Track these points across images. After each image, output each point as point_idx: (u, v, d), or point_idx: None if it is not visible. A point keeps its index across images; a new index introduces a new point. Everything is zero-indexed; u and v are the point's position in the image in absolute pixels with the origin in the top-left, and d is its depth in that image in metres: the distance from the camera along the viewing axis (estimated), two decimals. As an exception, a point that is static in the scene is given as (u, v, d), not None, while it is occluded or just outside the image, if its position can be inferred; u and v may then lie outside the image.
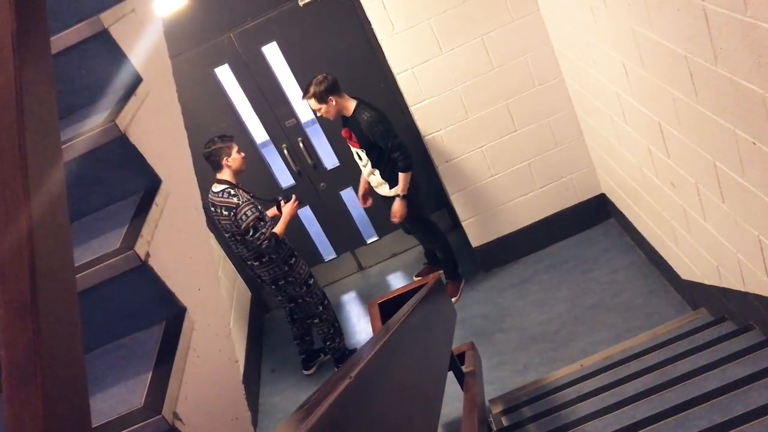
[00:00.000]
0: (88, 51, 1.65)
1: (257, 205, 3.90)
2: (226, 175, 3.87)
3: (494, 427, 3.01)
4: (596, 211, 4.57)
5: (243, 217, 3.78)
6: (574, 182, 4.47)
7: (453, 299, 4.60)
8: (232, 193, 3.80)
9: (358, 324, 4.99)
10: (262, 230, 3.81)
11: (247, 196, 3.86)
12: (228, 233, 3.98)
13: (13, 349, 0.74)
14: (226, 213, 3.81)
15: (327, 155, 5.12)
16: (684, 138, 2.57)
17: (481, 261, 4.79)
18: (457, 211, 4.56)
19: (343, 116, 4.10)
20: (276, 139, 5.01)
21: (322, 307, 4.31)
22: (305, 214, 5.29)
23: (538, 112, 4.22)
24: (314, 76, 4.79)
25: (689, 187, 2.74)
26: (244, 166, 3.97)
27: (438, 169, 4.39)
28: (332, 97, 3.93)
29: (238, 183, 3.92)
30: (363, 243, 5.51)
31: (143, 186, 1.56)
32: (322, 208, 5.29)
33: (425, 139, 4.28)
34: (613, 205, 4.39)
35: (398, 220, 4.27)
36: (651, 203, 3.45)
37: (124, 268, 1.31)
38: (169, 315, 1.40)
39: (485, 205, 4.51)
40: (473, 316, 4.44)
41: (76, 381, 0.77)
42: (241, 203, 3.79)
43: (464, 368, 3.23)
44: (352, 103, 4.02)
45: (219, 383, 1.52)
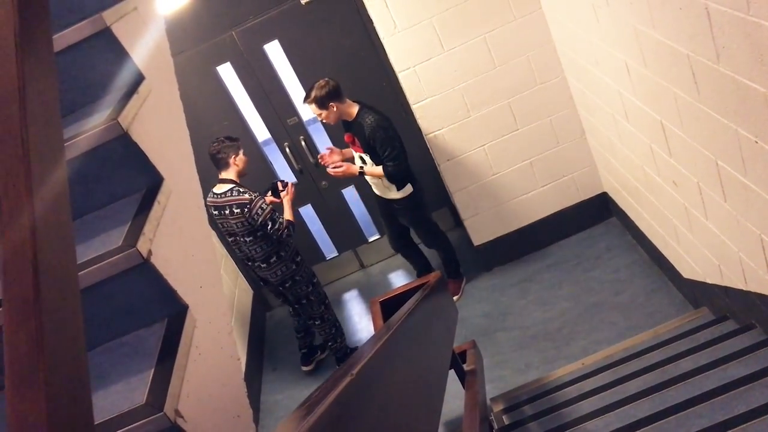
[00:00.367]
0: (90, 49, 1.65)
1: (264, 198, 3.91)
2: (232, 174, 3.85)
3: (495, 426, 3.01)
4: (598, 210, 4.57)
5: (259, 211, 3.76)
6: (576, 181, 4.47)
7: (454, 298, 4.60)
8: (242, 190, 3.78)
9: (360, 322, 4.99)
10: (280, 220, 3.80)
11: (256, 193, 3.86)
12: (234, 235, 3.90)
13: (16, 346, 0.74)
14: (238, 211, 3.75)
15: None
16: (686, 137, 2.56)
17: (482, 259, 4.79)
18: (459, 210, 4.57)
19: (344, 121, 4.06)
20: (278, 138, 5.01)
21: (324, 307, 4.30)
22: (307, 212, 5.29)
23: (540, 111, 4.22)
24: (316, 74, 4.79)
25: (691, 185, 2.74)
26: (247, 170, 3.96)
27: (440, 167, 4.39)
28: (333, 103, 3.87)
29: (242, 183, 3.91)
30: (365, 241, 5.52)
31: (145, 184, 1.56)
32: (323, 207, 5.29)
33: (427, 137, 4.28)
34: (615, 204, 4.39)
35: (325, 163, 4.12)
36: (653, 202, 3.45)
37: (126, 266, 1.32)
38: (171, 312, 1.40)
39: (487, 204, 4.51)
40: (475, 315, 4.45)
41: (78, 378, 0.77)
42: (254, 198, 3.77)
43: (465, 366, 3.24)
44: (354, 108, 3.96)
45: (221, 381, 1.53)
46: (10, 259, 0.79)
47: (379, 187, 4.28)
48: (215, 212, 3.86)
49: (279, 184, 4.07)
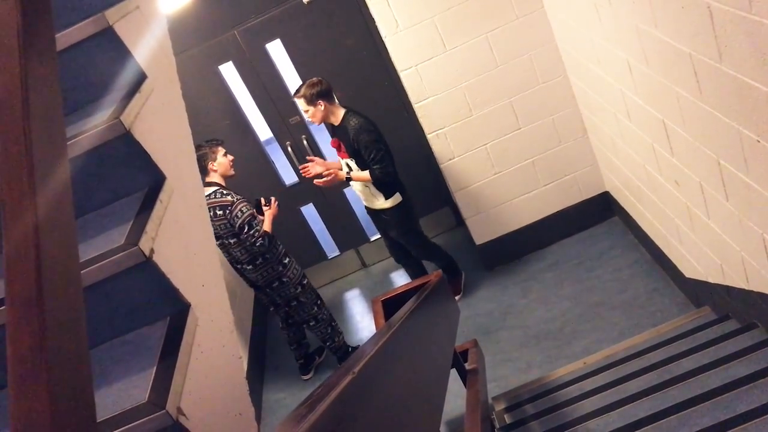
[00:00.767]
0: (92, 48, 1.65)
1: (249, 204, 3.90)
2: (215, 178, 3.86)
3: (497, 425, 3.01)
4: (600, 209, 4.57)
5: (238, 214, 3.76)
6: (578, 180, 4.47)
7: (456, 297, 4.60)
8: (225, 192, 3.79)
9: (362, 321, 4.99)
10: (257, 227, 3.80)
11: (239, 196, 3.86)
12: (220, 238, 3.88)
13: (19, 344, 0.75)
14: (221, 212, 3.76)
15: (331, 153, 5.11)
16: (688, 136, 2.56)
17: (484, 259, 4.79)
18: (461, 209, 4.57)
19: (331, 126, 4.03)
20: (280, 137, 5.02)
21: (316, 307, 4.28)
22: (309, 212, 5.30)
23: (542, 110, 4.22)
24: (318, 73, 4.79)
25: (693, 185, 2.74)
26: (233, 170, 3.96)
27: (441, 166, 4.39)
28: (321, 102, 3.84)
29: (227, 186, 3.91)
30: (366, 240, 5.52)
31: (147, 183, 1.57)
32: (325, 206, 5.30)
33: (429, 136, 4.28)
34: (617, 203, 4.39)
35: (308, 174, 4.08)
36: (655, 201, 3.44)
37: (129, 264, 1.32)
38: (173, 311, 1.41)
39: (489, 203, 4.51)
40: (476, 314, 4.45)
41: (81, 376, 0.78)
42: (235, 200, 3.78)
43: (467, 366, 3.24)
44: (341, 111, 3.92)
45: (223, 379, 1.53)
46: (13, 257, 0.79)
47: (367, 197, 4.18)
48: None
49: (262, 200, 4.07)
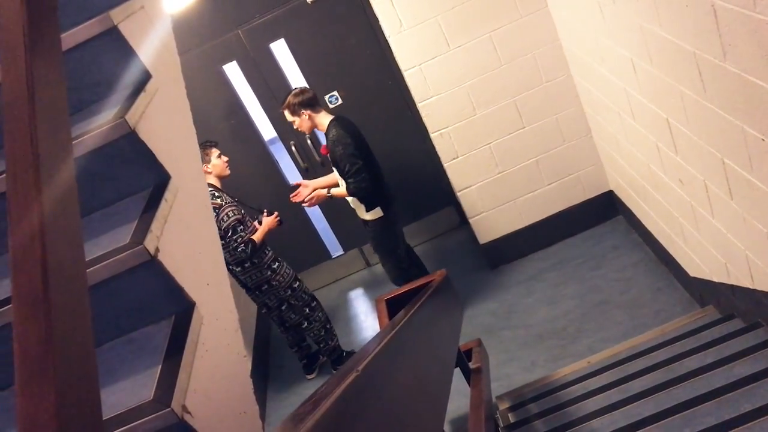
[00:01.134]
0: (97, 48, 1.66)
1: (241, 209, 3.91)
2: (210, 179, 3.88)
3: (501, 424, 3.01)
4: (604, 208, 4.56)
5: (225, 218, 3.78)
6: (582, 179, 4.46)
7: None
8: (216, 195, 3.81)
9: (366, 321, 5.00)
10: (241, 233, 3.81)
11: (231, 199, 3.88)
12: None
13: (26, 342, 0.75)
14: None
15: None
16: (692, 135, 2.56)
17: (488, 258, 4.79)
18: (464, 208, 4.56)
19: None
20: (284, 136, 5.02)
21: (308, 309, 4.27)
22: (313, 211, 5.30)
23: (546, 109, 4.22)
24: (322, 72, 4.81)
25: (697, 183, 2.73)
26: (228, 171, 3.96)
27: (445, 165, 4.39)
28: (306, 111, 3.80)
29: (222, 187, 3.92)
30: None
31: (152, 182, 1.57)
32: (329, 205, 5.28)
33: (432, 135, 4.28)
34: (621, 202, 4.38)
35: (298, 199, 4.05)
36: (659, 200, 3.44)
37: (134, 263, 1.32)
38: (178, 309, 1.41)
39: (493, 202, 4.51)
40: (480, 313, 4.45)
41: (87, 374, 0.78)
42: (224, 204, 3.79)
43: (471, 365, 3.24)
44: (327, 120, 3.86)
45: (227, 377, 1.54)
46: (20, 256, 0.80)
47: (354, 204, 4.12)
48: None
49: (265, 212, 4.07)
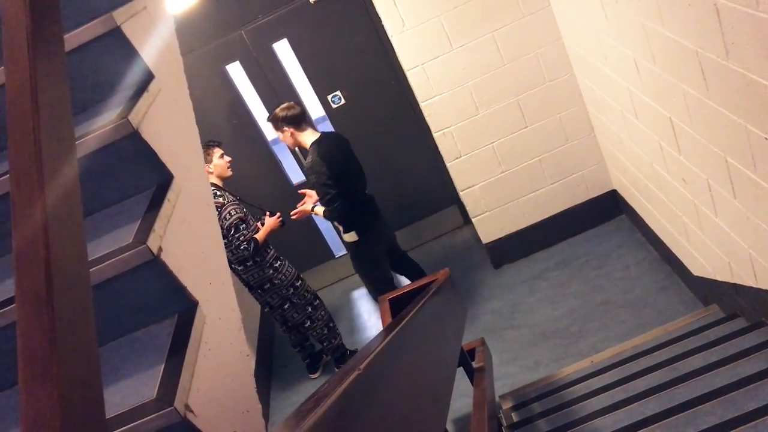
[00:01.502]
0: (100, 48, 1.66)
1: (243, 208, 3.93)
2: (212, 179, 3.90)
3: (504, 423, 3.01)
4: (607, 208, 4.56)
5: (227, 216, 3.79)
6: (585, 178, 4.46)
7: None
8: (218, 194, 3.83)
9: (369, 320, 5.00)
10: (243, 231, 3.83)
11: (233, 198, 3.89)
12: None
13: (30, 340, 0.75)
14: None
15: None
16: (695, 134, 2.55)
17: (491, 257, 4.78)
18: (467, 208, 4.56)
19: None
20: (287, 136, 5.02)
21: (311, 308, 4.28)
22: (316, 210, 5.30)
23: (549, 108, 4.21)
24: (325, 72, 4.81)
25: (700, 182, 2.73)
26: (230, 172, 3.98)
27: (448, 165, 4.39)
28: (288, 128, 3.77)
29: (224, 187, 3.94)
30: (373, 239, 5.51)
31: (155, 182, 1.58)
32: (332, 205, 5.30)
33: (435, 135, 4.28)
34: (624, 202, 4.38)
35: (293, 214, 4.11)
36: (662, 199, 3.44)
37: (137, 263, 1.33)
38: (181, 309, 1.41)
39: (496, 202, 4.50)
40: (484, 313, 4.44)
41: (90, 373, 0.78)
42: (226, 203, 3.81)
43: (474, 364, 3.24)
44: (310, 140, 3.81)
45: (230, 376, 1.54)
46: (23, 255, 0.80)
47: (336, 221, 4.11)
48: None
49: (267, 213, 4.10)
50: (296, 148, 4.18)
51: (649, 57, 2.66)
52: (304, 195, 4.17)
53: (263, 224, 4.05)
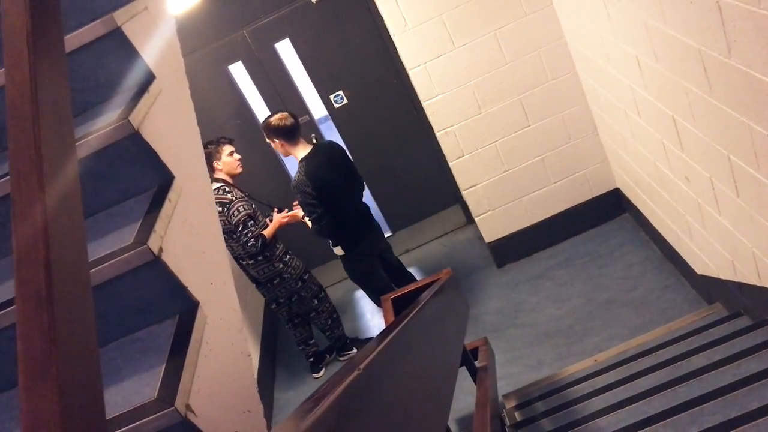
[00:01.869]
0: (101, 49, 1.67)
1: (252, 204, 3.96)
2: (221, 175, 3.94)
3: (507, 422, 3.01)
4: (611, 206, 4.55)
5: (235, 213, 3.83)
6: (588, 177, 4.45)
7: None
8: (227, 190, 3.87)
9: (372, 319, 5.00)
10: (251, 228, 3.86)
11: (242, 194, 3.92)
12: (223, 233, 3.98)
13: (29, 341, 0.75)
14: (221, 209, 3.85)
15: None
16: (698, 132, 2.55)
17: (494, 256, 4.78)
18: (470, 207, 4.56)
19: None
20: (289, 136, 5.02)
21: (317, 300, 4.37)
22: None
23: (552, 107, 4.21)
24: (327, 72, 4.81)
25: (704, 181, 2.72)
26: (240, 169, 4.00)
27: (451, 164, 4.39)
28: (278, 140, 3.73)
29: (234, 183, 3.96)
30: (377, 239, 5.51)
31: (156, 182, 1.58)
32: (335, 204, 5.30)
33: (438, 134, 4.28)
34: (628, 200, 4.37)
35: (284, 217, 4.10)
36: (665, 198, 3.43)
37: (138, 263, 1.33)
38: (182, 309, 1.42)
39: (498, 201, 4.50)
40: (487, 312, 4.44)
41: (91, 373, 0.78)
42: (234, 199, 3.85)
43: (477, 363, 3.24)
44: (301, 154, 3.75)
45: (232, 376, 1.54)
46: (23, 256, 0.80)
47: None
48: None
49: (276, 210, 4.15)
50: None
51: (652, 55, 2.65)
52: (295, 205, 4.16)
53: (272, 220, 4.09)
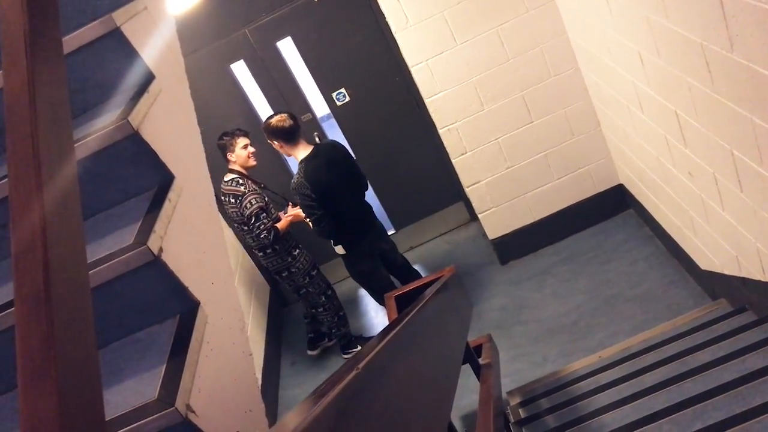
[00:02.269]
0: (100, 49, 1.67)
1: (264, 196, 4.03)
2: (235, 167, 4.03)
3: (512, 419, 3.00)
4: (614, 202, 4.53)
5: (247, 205, 3.90)
6: (592, 173, 4.44)
7: None
8: (240, 182, 3.94)
9: (376, 317, 5.00)
10: (264, 220, 3.91)
11: (255, 187, 3.98)
12: (235, 223, 4.10)
13: (28, 342, 0.75)
14: (233, 201, 3.94)
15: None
16: (701, 127, 2.54)
17: (498, 253, 4.77)
18: (474, 204, 4.55)
19: None
20: (292, 134, 5.02)
21: (324, 297, 4.41)
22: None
23: (555, 103, 4.19)
24: (329, 70, 4.80)
25: (707, 176, 2.71)
26: (254, 161, 4.06)
27: (454, 161, 4.38)
28: (277, 142, 3.73)
29: (248, 174, 4.04)
30: (381, 236, 5.51)
31: (156, 182, 1.58)
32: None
33: (440, 131, 4.27)
34: (632, 196, 4.35)
35: (287, 216, 4.17)
36: (669, 193, 3.42)
37: (138, 264, 1.33)
38: (182, 309, 1.42)
39: (502, 197, 4.49)
40: (491, 309, 4.44)
41: (90, 374, 0.78)
42: (247, 192, 3.92)
43: (481, 360, 3.23)
44: (301, 155, 3.74)
45: (233, 376, 1.54)
46: (21, 257, 0.80)
47: None
48: (223, 198, 4.03)
49: (290, 204, 4.25)
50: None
51: (654, 50, 2.64)
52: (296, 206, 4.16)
53: (286, 213, 4.18)
